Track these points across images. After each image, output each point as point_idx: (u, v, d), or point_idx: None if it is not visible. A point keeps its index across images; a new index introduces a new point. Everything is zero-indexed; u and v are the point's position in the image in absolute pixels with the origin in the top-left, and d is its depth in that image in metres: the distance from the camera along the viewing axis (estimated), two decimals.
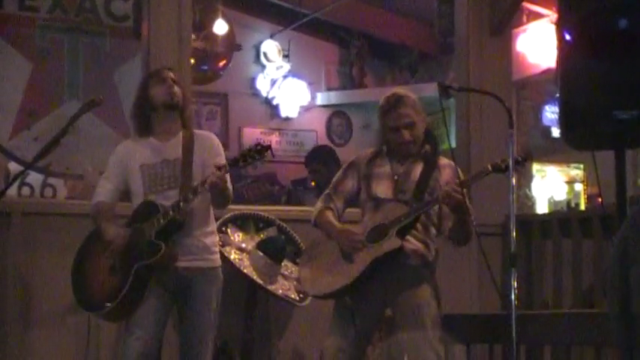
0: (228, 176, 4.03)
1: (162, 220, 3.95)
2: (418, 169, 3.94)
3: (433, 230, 3.96)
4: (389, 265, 3.81)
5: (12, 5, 7.94)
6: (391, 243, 3.79)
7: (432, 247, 3.95)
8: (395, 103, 3.93)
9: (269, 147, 3.89)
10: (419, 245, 3.89)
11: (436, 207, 3.89)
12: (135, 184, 4.13)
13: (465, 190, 3.73)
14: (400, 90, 4.08)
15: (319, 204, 4.09)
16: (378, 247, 3.80)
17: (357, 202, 4.08)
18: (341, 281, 3.83)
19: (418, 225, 3.90)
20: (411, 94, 4.04)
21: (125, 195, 4.24)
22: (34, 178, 7.09)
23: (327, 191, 4.13)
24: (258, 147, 3.88)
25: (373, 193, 3.96)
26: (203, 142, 4.16)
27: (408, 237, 3.85)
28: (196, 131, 4.24)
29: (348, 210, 4.12)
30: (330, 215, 4.02)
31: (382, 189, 3.95)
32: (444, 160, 4.01)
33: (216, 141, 4.23)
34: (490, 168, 3.75)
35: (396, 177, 3.95)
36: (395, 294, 3.84)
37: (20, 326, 4.84)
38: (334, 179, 4.14)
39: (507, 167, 3.68)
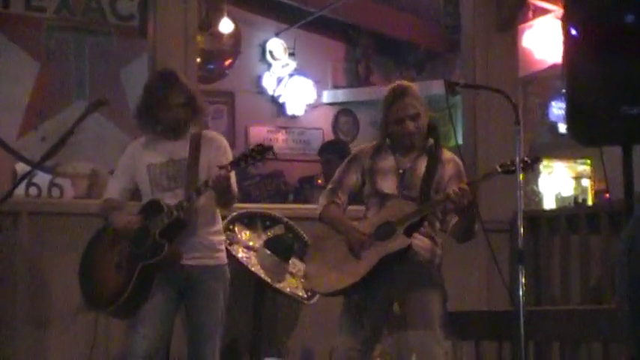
0: (234, 178, 4.03)
1: (166, 220, 3.96)
2: (423, 164, 3.91)
3: (437, 225, 3.94)
4: (396, 262, 3.81)
5: (19, 5, 7.96)
6: (400, 241, 3.76)
7: (438, 241, 3.93)
8: (400, 93, 3.90)
9: (271, 147, 3.89)
10: (426, 241, 3.87)
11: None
12: (142, 183, 4.15)
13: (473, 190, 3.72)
14: (404, 82, 4.05)
15: (324, 199, 4.04)
16: (386, 246, 3.77)
17: (361, 196, 4.05)
18: (349, 279, 3.81)
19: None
20: (414, 86, 4.01)
21: (134, 194, 4.25)
22: (42, 178, 7.10)
23: (330, 186, 4.07)
24: (260, 147, 3.88)
25: (379, 189, 3.92)
26: (211, 143, 4.16)
27: (415, 233, 3.85)
28: (205, 132, 4.24)
29: (351, 207, 4.10)
30: (337, 210, 3.99)
31: (388, 184, 3.91)
32: (447, 154, 3.98)
33: (224, 142, 4.22)
34: (499, 169, 3.75)
35: (401, 171, 3.92)
36: (402, 291, 3.83)
37: (30, 325, 4.85)
38: (337, 173, 4.07)
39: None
